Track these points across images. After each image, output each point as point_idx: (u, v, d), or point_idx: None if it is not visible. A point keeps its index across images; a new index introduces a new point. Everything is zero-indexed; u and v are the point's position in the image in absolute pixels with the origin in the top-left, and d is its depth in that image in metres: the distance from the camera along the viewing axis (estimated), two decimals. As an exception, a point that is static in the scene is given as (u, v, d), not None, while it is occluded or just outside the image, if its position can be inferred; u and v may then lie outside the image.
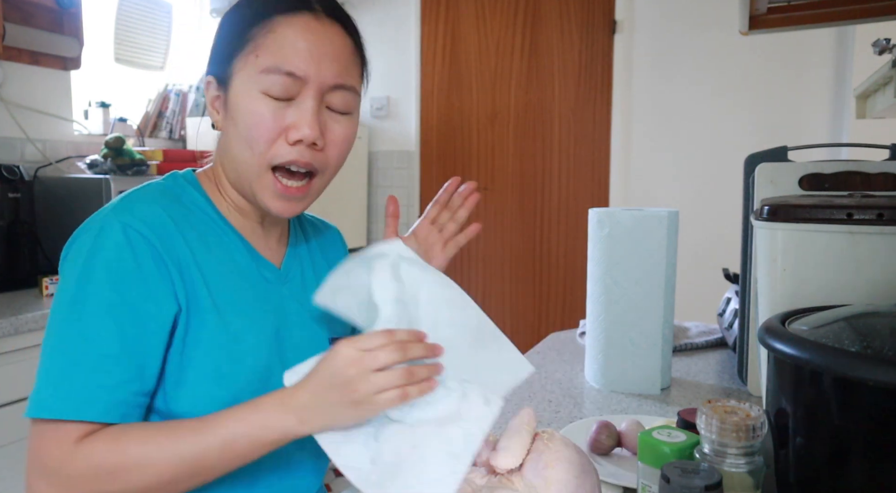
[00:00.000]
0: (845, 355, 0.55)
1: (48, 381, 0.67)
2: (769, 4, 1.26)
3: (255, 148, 0.75)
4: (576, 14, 2.92)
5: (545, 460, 0.63)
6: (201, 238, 0.78)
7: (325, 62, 0.76)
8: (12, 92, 2.15)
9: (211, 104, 0.81)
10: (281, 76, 0.74)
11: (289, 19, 0.75)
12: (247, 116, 0.75)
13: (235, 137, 0.77)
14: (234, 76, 0.76)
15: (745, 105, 2.64)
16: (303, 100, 0.75)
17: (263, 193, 0.78)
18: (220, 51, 0.79)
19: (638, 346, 1.16)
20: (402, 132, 3.25)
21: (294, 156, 0.76)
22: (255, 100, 0.75)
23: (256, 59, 0.74)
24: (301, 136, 0.75)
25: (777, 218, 0.83)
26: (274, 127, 0.75)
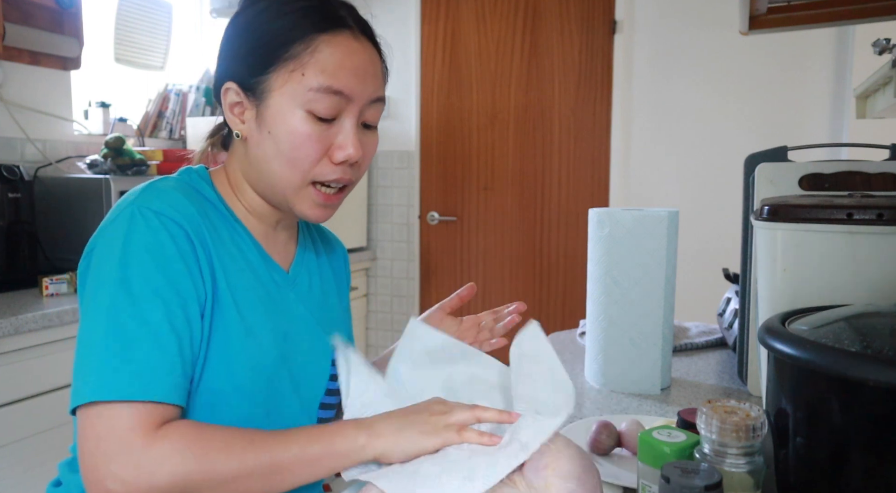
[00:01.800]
0: (845, 355, 0.55)
1: (107, 363, 0.65)
2: (769, 4, 1.26)
3: (299, 167, 0.77)
4: (576, 14, 2.92)
5: (546, 460, 0.63)
6: (217, 233, 0.79)
7: (368, 80, 0.79)
8: (12, 92, 2.15)
9: (230, 110, 0.81)
10: (329, 95, 0.75)
11: (331, 38, 0.76)
12: (292, 135, 0.76)
13: (275, 153, 0.77)
14: (272, 91, 0.77)
15: (745, 105, 2.64)
16: (345, 119, 0.78)
17: (302, 203, 0.80)
18: (247, 59, 0.78)
19: (638, 346, 1.16)
20: (402, 132, 3.25)
21: (338, 174, 0.79)
22: (300, 120, 0.76)
23: (303, 77, 0.75)
24: (346, 157, 0.78)
25: (777, 218, 0.83)
26: (320, 148, 0.77)
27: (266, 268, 0.84)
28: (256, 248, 0.84)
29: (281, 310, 0.83)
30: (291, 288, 0.87)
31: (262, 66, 0.77)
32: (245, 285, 0.79)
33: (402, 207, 3.29)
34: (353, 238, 3.18)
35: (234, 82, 0.79)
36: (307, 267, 0.92)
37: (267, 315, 0.80)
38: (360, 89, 0.78)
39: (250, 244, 0.83)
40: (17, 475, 1.56)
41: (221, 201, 0.83)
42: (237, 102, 0.80)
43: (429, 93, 3.19)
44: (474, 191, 3.15)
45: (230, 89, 0.80)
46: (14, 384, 1.57)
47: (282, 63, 0.76)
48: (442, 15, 3.13)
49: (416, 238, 3.27)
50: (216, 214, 0.81)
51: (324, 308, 0.92)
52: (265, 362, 0.78)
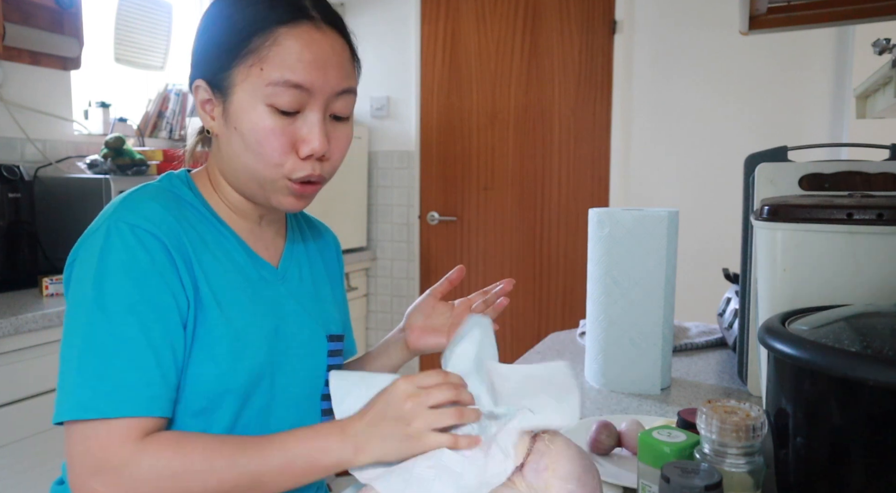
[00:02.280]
0: (845, 355, 0.55)
1: (83, 382, 0.67)
2: (769, 4, 1.26)
3: (267, 160, 0.77)
4: (576, 14, 2.92)
5: (546, 461, 0.63)
6: (200, 237, 0.79)
7: (331, 71, 0.77)
8: (12, 92, 2.15)
9: (201, 107, 0.81)
10: (288, 89, 0.74)
11: (291, 30, 0.75)
12: (254, 130, 0.75)
13: (242, 148, 0.77)
14: (235, 87, 0.76)
15: (745, 105, 2.64)
16: (310, 112, 0.77)
17: (276, 194, 0.80)
18: (212, 55, 0.78)
19: (638, 346, 1.16)
20: (402, 132, 3.25)
21: (307, 171, 0.78)
22: (262, 114, 0.75)
23: (262, 72, 0.74)
24: (311, 150, 0.77)
25: (777, 218, 0.83)
26: (284, 142, 0.76)
27: (253, 266, 0.84)
28: (242, 246, 0.84)
29: (271, 307, 0.83)
30: (281, 283, 0.87)
31: (224, 62, 0.76)
32: (230, 286, 0.79)
33: (402, 207, 3.29)
34: (353, 238, 3.18)
35: (202, 79, 0.79)
36: (297, 260, 0.92)
37: (255, 315, 0.80)
38: (322, 82, 0.76)
39: (235, 244, 0.83)
40: (17, 475, 1.56)
41: (203, 203, 0.83)
42: (207, 99, 0.80)
43: (429, 93, 3.19)
44: (474, 191, 3.15)
45: (200, 87, 0.80)
46: (14, 384, 1.57)
47: (242, 58, 0.75)
48: (442, 15, 3.13)
49: (416, 238, 3.27)
50: (198, 218, 0.81)
51: (316, 300, 0.92)
52: (256, 362, 0.78)
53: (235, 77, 0.76)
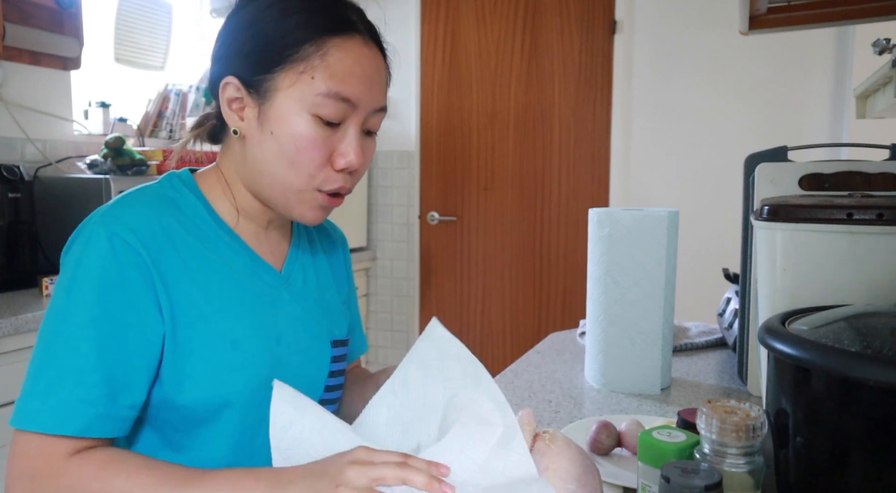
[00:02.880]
0: (845, 355, 0.55)
1: (35, 392, 0.67)
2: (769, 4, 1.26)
3: (301, 170, 0.76)
4: (576, 14, 2.92)
5: (546, 461, 0.63)
6: (197, 244, 0.77)
7: (375, 88, 0.78)
8: (12, 92, 2.15)
9: (228, 105, 0.78)
10: (337, 102, 0.74)
11: (343, 42, 0.75)
12: (295, 138, 0.74)
13: (276, 154, 0.76)
14: (278, 91, 0.75)
15: (745, 105, 2.64)
16: (350, 126, 0.77)
17: (302, 205, 0.79)
18: (251, 56, 0.76)
19: (638, 346, 1.16)
20: (402, 132, 3.25)
21: (340, 183, 0.78)
22: (306, 123, 0.74)
23: (312, 80, 0.74)
24: (347, 164, 0.77)
25: (777, 218, 0.83)
26: (324, 153, 0.76)
27: (256, 271, 0.82)
28: (245, 251, 0.82)
29: (273, 312, 0.81)
30: (285, 287, 0.85)
31: (267, 64, 0.75)
32: (228, 295, 0.77)
33: (402, 207, 3.29)
34: (353, 238, 3.18)
35: (234, 78, 0.77)
36: (301, 264, 0.90)
37: (256, 323, 0.78)
38: (367, 97, 0.77)
39: (237, 249, 0.81)
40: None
41: (206, 206, 0.81)
42: (237, 98, 0.78)
43: (429, 93, 3.19)
44: (474, 191, 3.15)
45: (230, 84, 0.77)
46: (14, 384, 1.57)
47: (290, 63, 0.74)
48: (442, 15, 3.13)
49: (416, 238, 3.27)
50: (197, 223, 0.79)
51: (321, 304, 0.90)
52: (255, 370, 0.77)
53: (280, 81, 0.75)
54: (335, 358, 0.89)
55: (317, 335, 0.87)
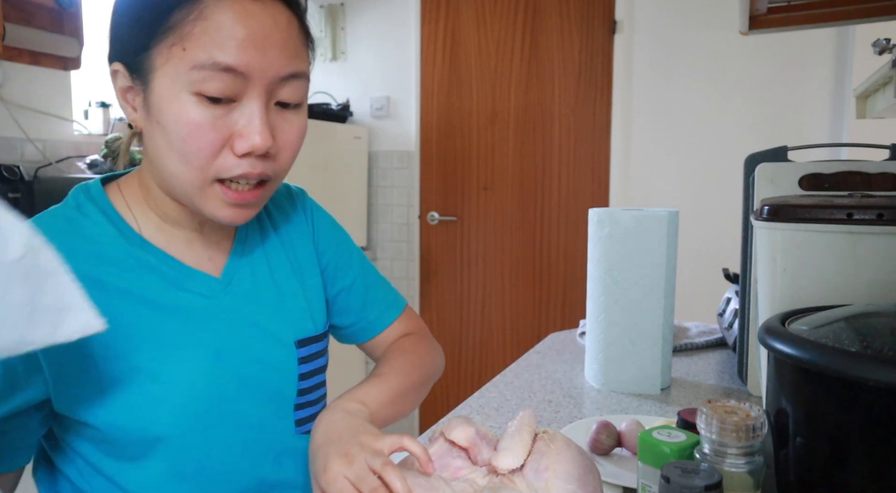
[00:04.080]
0: (845, 355, 0.55)
1: None
2: (769, 4, 1.26)
3: (194, 162, 0.64)
4: (576, 14, 2.91)
5: (546, 461, 0.63)
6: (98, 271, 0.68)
7: (272, 51, 0.64)
8: (12, 92, 2.15)
9: (122, 97, 0.68)
10: (218, 73, 0.61)
11: (219, 1, 0.62)
12: (178, 124, 0.63)
13: (165, 146, 0.65)
14: (155, 71, 0.63)
15: (745, 105, 2.64)
16: (248, 101, 0.64)
17: (208, 204, 0.68)
18: (130, 33, 0.65)
19: (638, 346, 1.16)
20: (402, 132, 3.25)
21: (244, 169, 0.66)
22: (188, 104, 0.62)
23: (184, 52, 0.61)
24: (251, 147, 0.64)
25: (777, 218, 0.83)
26: (215, 138, 0.63)
27: (183, 283, 0.72)
28: (168, 265, 0.72)
29: (210, 326, 0.73)
30: (226, 293, 0.75)
31: (143, 40, 0.63)
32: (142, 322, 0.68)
33: (402, 207, 3.28)
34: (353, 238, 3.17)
35: (120, 64, 0.67)
36: (250, 261, 0.79)
37: (183, 344, 0.70)
38: (260, 63, 0.63)
39: (160, 266, 0.71)
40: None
41: (119, 222, 0.71)
42: (129, 87, 0.67)
43: (429, 93, 3.19)
44: (474, 191, 3.15)
45: (118, 72, 0.67)
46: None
47: (161, 35, 0.62)
48: (442, 15, 3.13)
49: (416, 238, 3.27)
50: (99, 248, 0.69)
51: (281, 297, 0.80)
52: (190, 401, 0.69)
53: (155, 59, 0.63)
54: (304, 359, 0.81)
55: (276, 338, 0.78)
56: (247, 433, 0.76)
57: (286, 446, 0.80)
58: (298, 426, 0.82)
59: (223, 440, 0.73)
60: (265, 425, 0.78)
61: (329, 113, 3.06)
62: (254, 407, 0.76)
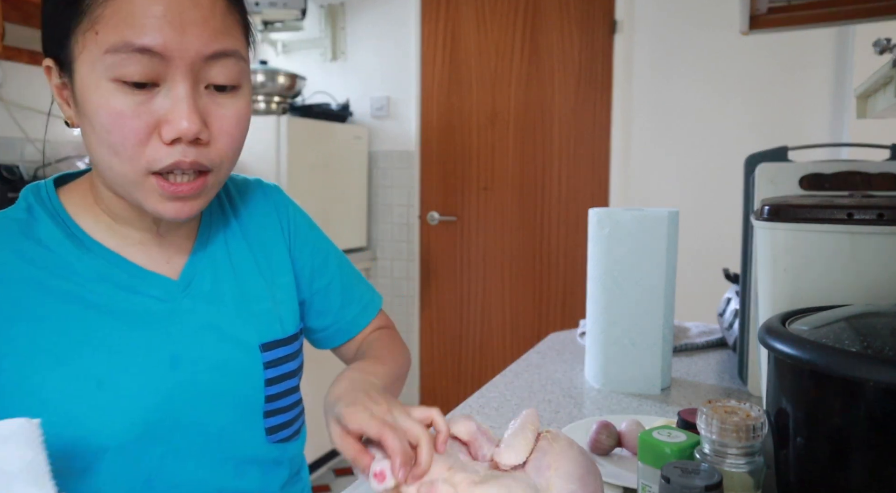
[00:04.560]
0: (845, 355, 0.55)
1: None
2: (769, 4, 1.26)
3: (122, 153, 0.61)
4: (576, 14, 2.92)
5: (548, 460, 0.63)
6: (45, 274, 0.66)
7: (192, 28, 0.59)
8: (12, 92, 2.15)
9: (59, 94, 0.66)
10: (133, 55, 0.57)
11: None
12: (100, 113, 0.60)
13: (95, 140, 0.62)
14: (74, 61, 0.60)
15: (745, 105, 2.64)
16: (172, 84, 0.60)
17: (148, 200, 0.64)
18: (51, 24, 0.62)
19: (638, 346, 1.16)
20: (402, 132, 3.25)
21: (175, 158, 0.62)
22: (108, 92, 0.59)
23: (97, 36, 0.58)
24: (178, 133, 0.60)
25: (777, 218, 0.83)
26: (139, 126, 0.60)
27: (136, 286, 0.70)
28: (120, 267, 0.69)
29: (165, 331, 0.70)
30: (184, 296, 0.72)
31: (61, 32, 0.61)
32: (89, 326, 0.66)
33: (402, 207, 3.28)
34: (353, 238, 3.18)
35: (50, 59, 0.64)
36: (211, 261, 0.76)
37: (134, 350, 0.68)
38: (179, 42, 0.59)
39: (112, 270, 0.69)
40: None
41: (65, 224, 0.69)
42: (63, 84, 0.64)
43: (429, 93, 3.19)
44: (474, 191, 3.15)
45: (50, 68, 0.65)
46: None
47: (75, 24, 0.59)
48: (442, 15, 3.13)
49: (416, 238, 3.27)
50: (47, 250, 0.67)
51: (245, 298, 0.77)
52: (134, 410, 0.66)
53: (73, 49, 0.60)
54: (271, 363, 0.77)
55: (238, 342, 0.75)
56: (205, 441, 0.72)
57: (253, 454, 0.77)
58: (270, 434, 0.78)
59: (177, 450, 0.70)
60: (228, 433, 0.74)
61: (329, 113, 3.06)
62: (214, 415, 0.73)
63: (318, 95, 3.24)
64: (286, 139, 2.64)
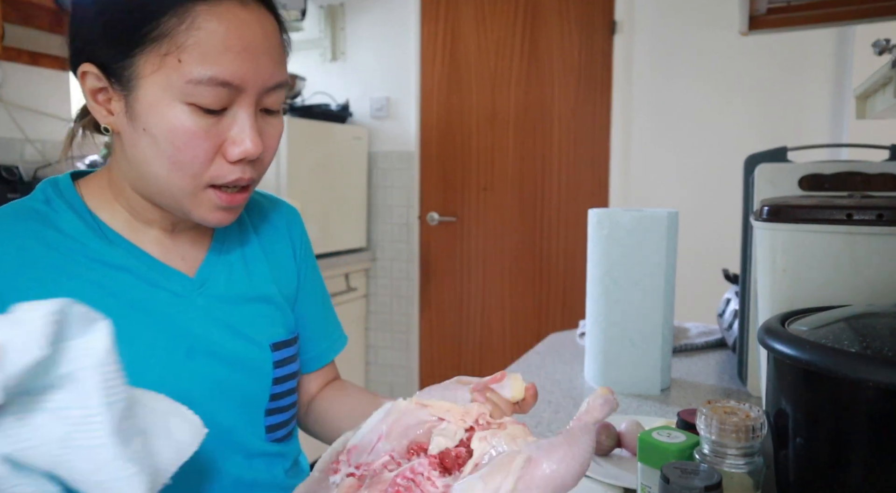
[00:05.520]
0: (845, 355, 0.55)
1: None
2: (769, 4, 1.26)
3: (187, 170, 0.65)
4: (576, 14, 2.92)
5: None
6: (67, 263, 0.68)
7: (263, 62, 0.65)
8: (12, 92, 2.15)
9: (93, 97, 0.68)
10: (216, 88, 0.62)
11: (211, 8, 0.62)
12: (172, 133, 0.63)
13: (155, 154, 0.65)
14: (142, 79, 0.63)
15: (745, 105, 2.64)
16: (239, 109, 0.65)
17: (199, 208, 0.69)
18: (108, 36, 0.64)
19: (638, 346, 1.16)
20: (402, 132, 3.25)
21: (237, 175, 0.67)
22: (181, 114, 0.63)
23: (179, 64, 0.61)
24: (244, 154, 0.66)
25: (777, 218, 0.83)
26: (209, 146, 0.65)
27: (155, 280, 0.72)
28: (142, 260, 0.72)
29: (182, 324, 0.72)
30: (199, 293, 0.75)
31: (126, 46, 0.63)
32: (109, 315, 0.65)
33: (401, 208, 3.28)
34: (353, 238, 3.18)
35: (92, 64, 0.66)
36: (226, 262, 0.79)
37: (152, 340, 0.69)
38: (254, 75, 0.64)
39: (133, 261, 0.71)
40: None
41: (87, 217, 0.71)
42: (101, 88, 0.67)
43: (429, 93, 3.19)
44: (474, 191, 3.15)
45: (89, 73, 0.67)
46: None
47: (151, 44, 0.62)
48: (442, 15, 3.13)
49: (415, 239, 3.27)
50: (70, 240, 0.69)
51: (257, 300, 0.80)
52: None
53: (142, 67, 0.63)
54: (279, 362, 0.80)
55: (251, 340, 0.77)
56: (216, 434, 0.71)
57: (255, 450, 0.78)
58: (269, 432, 0.80)
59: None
60: (234, 429, 0.76)
61: (329, 113, 3.06)
62: (223, 410, 0.74)
63: (318, 95, 3.24)
64: (286, 140, 2.64)
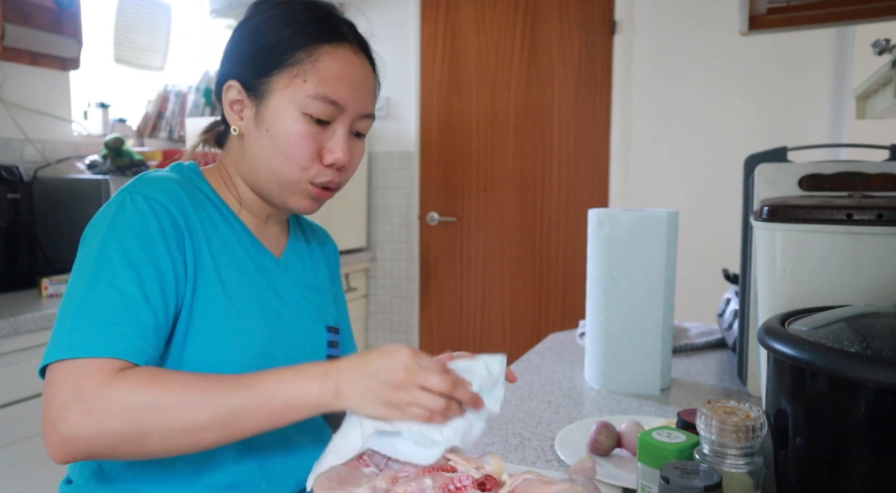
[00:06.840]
0: (845, 355, 0.55)
1: (78, 325, 0.69)
2: (769, 4, 1.26)
3: (294, 164, 0.83)
4: (576, 14, 2.91)
5: None
6: (211, 220, 0.85)
7: (361, 94, 0.85)
8: (12, 92, 2.15)
9: (230, 107, 0.86)
10: (326, 104, 0.82)
11: (333, 50, 0.83)
12: (288, 134, 0.82)
13: (271, 149, 0.83)
14: (273, 92, 0.83)
15: (745, 105, 2.64)
16: (338, 126, 0.84)
17: (294, 197, 0.86)
18: (252, 61, 0.84)
19: (638, 346, 1.16)
20: (402, 132, 3.25)
21: (329, 177, 0.85)
22: (298, 121, 0.82)
23: (304, 84, 0.81)
24: (335, 159, 0.84)
25: (777, 218, 0.83)
26: (313, 148, 0.83)
27: (257, 253, 0.89)
28: (248, 235, 0.89)
29: (273, 292, 0.88)
30: (283, 273, 0.92)
31: (265, 68, 0.83)
32: (234, 268, 0.84)
33: (401, 208, 3.28)
34: (353, 238, 3.18)
35: (236, 81, 0.85)
36: (299, 255, 0.97)
37: (257, 297, 0.85)
38: (354, 101, 0.84)
39: (241, 233, 0.88)
40: (18, 476, 1.56)
41: (214, 194, 0.88)
42: (237, 100, 0.86)
43: (429, 93, 3.19)
44: (474, 191, 3.15)
45: (232, 87, 0.85)
46: (14, 385, 1.57)
47: (285, 67, 0.82)
48: (442, 15, 3.13)
49: (415, 239, 3.27)
50: (208, 204, 0.86)
51: (316, 292, 0.97)
52: (255, 340, 0.82)
53: (275, 84, 0.83)
54: (330, 343, 0.95)
55: (313, 319, 0.93)
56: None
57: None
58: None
59: None
60: None
61: (329, 113, 3.06)
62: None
63: (318, 95, 3.24)
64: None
